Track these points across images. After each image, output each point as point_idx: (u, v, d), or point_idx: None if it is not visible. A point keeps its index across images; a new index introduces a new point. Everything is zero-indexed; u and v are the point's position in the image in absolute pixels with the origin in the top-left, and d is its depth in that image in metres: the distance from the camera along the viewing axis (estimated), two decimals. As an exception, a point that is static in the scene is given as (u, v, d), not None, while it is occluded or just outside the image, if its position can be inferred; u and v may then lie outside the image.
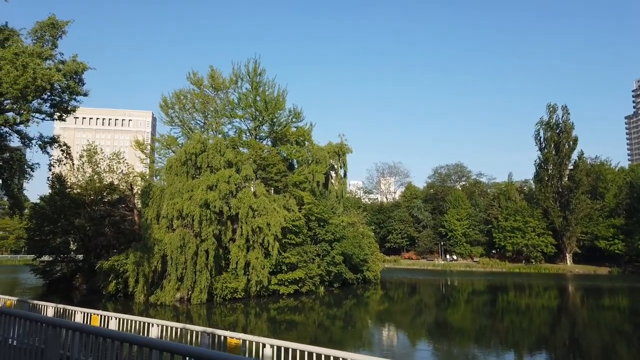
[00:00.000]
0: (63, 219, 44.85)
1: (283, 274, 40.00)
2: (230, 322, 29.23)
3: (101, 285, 38.12)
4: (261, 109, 51.29)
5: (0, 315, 7.67)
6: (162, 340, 8.56)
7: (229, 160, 40.34)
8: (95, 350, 6.16)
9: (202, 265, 34.83)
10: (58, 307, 14.44)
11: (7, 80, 19.12)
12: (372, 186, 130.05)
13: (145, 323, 11.80)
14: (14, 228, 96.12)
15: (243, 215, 37.24)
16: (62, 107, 24.05)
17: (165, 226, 36.69)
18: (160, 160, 55.69)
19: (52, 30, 23.77)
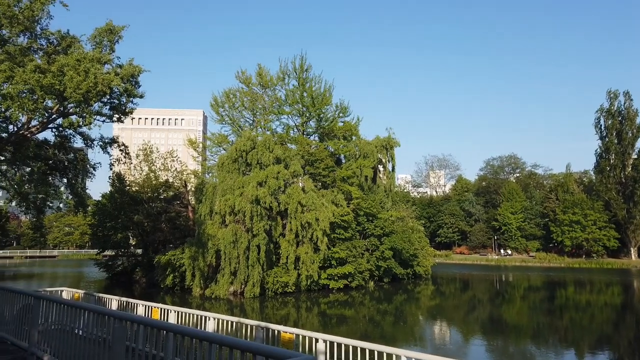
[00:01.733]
0: (123, 215, 47.17)
1: (333, 269, 40.26)
2: (281, 315, 29.77)
3: (159, 279, 39.89)
4: (308, 104, 51.64)
5: (70, 308, 8.24)
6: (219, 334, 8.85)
7: (277, 156, 40.95)
8: (157, 343, 6.50)
9: (254, 259, 35.65)
10: (121, 300, 15.26)
11: (71, 85, 20.26)
12: (421, 180, 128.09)
13: (202, 316, 12.24)
14: (78, 224, 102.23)
15: (292, 210, 37.75)
16: (121, 109, 25.18)
17: (218, 222, 37.79)
18: (211, 157, 57.39)
19: (110, 35, 24.93)
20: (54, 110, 23.39)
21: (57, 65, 20.82)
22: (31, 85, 20.19)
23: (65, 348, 7.45)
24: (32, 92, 20.72)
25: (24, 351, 8.41)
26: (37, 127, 24.35)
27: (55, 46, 24.03)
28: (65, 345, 7.50)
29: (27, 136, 24.05)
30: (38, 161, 25.83)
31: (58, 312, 8.33)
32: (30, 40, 23.48)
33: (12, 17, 21.09)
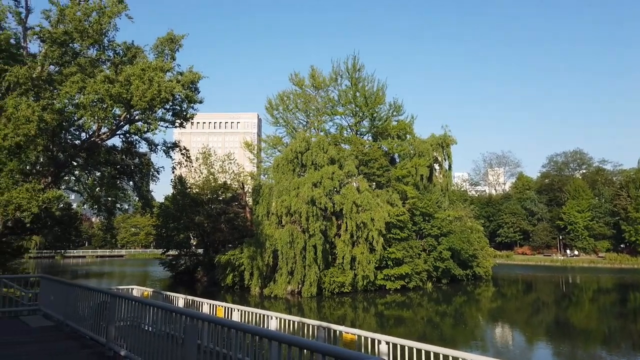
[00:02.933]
0: (185, 216, 49.05)
1: (389, 269, 39.88)
2: (339, 315, 29.85)
3: (219, 278, 41.16)
4: (361, 104, 51.47)
5: (142, 305, 8.66)
6: (282, 333, 9.00)
7: (331, 157, 41.11)
8: (223, 340, 6.72)
9: (310, 259, 35.98)
10: (187, 298, 15.89)
11: (137, 94, 21.33)
12: (479, 178, 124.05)
13: (264, 315, 12.50)
14: (144, 225, 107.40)
15: (347, 210, 37.77)
16: (182, 115, 26.17)
17: (275, 222, 38.46)
18: (267, 159, 58.47)
19: (171, 44, 26.01)
20: (121, 118, 24.70)
21: (124, 75, 21.98)
22: (101, 95, 21.44)
23: (139, 343, 7.83)
24: (102, 101, 22.00)
25: (102, 346, 8.91)
26: (107, 134, 25.80)
27: (121, 57, 25.38)
28: (139, 341, 7.89)
29: (98, 143, 25.55)
30: (108, 166, 27.35)
31: (131, 309, 8.76)
32: (99, 52, 24.94)
33: (82, 31, 22.49)
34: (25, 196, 19.47)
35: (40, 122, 19.72)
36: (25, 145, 20.01)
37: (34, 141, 20.20)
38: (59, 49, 22.74)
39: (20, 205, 19.38)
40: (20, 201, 19.31)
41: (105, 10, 23.12)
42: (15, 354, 8.63)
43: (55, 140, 23.64)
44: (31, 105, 20.00)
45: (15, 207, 19.46)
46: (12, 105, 19.99)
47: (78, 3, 23.42)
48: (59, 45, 22.54)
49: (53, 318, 12.23)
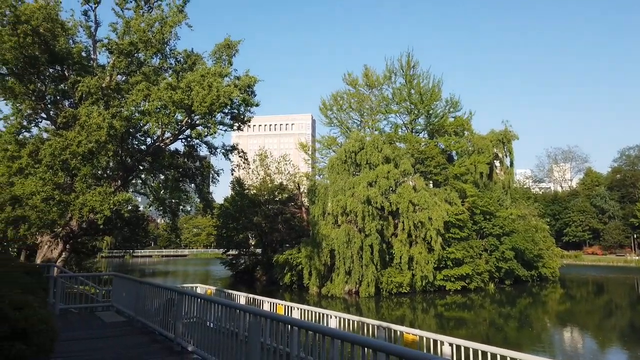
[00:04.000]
0: (243, 217, 50.32)
1: (448, 270, 38.91)
2: (397, 316, 29.50)
3: (278, 277, 41.89)
4: (416, 101, 50.64)
5: (207, 302, 8.96)
6: (343, 331, 9.02)
7: (386, 156, 40.71)
8: (284, 337, 6.82)
9: (367, 259, 35.82)
10: (248, 296, 16.31)
11: (197, 99, 22.18)
12: (543, 174, 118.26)
13: (323, 314, 12.58)
14: (205, 226, 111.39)
15: (404, 210, 37.26)
16: (240, 118, 26.92)
17: (331, 222, 38.62)
18: (322, 160, 58.89)
19: (228, 50, 26.84)
20: (183, 123, 25.75)
21: (185, 82, 22.90)
22: (164, 102, 22.46)
23: (205, 339, 8.11)
24: (165, 108, 23.04)
25: (170, 341, 9.30)
26: (170, 139, 26.99)
27: (182, 64, 26.48)
28: (204, 337, 8.17)
29: (162, 147, 26.79)
30: (171, 169, 28.59)
31: (196, 306, 9.09)
32: (162, 61, 26.17)
33: (146, 41, 23.67)
34: (98, 199, 20.72)
35: (110, 129, 20.93)
36: (97, 151, 21.31)
37: (105, 147, 21.46)
38: (126, 59, 24.07)
39: (94, 207, 20.65)
40: (94, 204, 20.57)
41: (167, 20, 24.21)
42: (93, 348, 9.20)
43: (123, 146, 25.01)
44: (102, 114, 21.29)
45: (90, 209, 20.77)
46: (85, 113, 21.37)
47: (142, 15, 24.70)
48: (126, 55, 23.85)
49: (125, 314, 12.90)
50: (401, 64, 52.01)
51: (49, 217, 20.62)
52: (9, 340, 4.97)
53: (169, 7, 25.20)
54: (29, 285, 7.07)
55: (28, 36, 20.32)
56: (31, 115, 24.87)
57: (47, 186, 20.70)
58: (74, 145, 20.69)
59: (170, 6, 25.13)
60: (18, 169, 21.84)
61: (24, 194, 20.77)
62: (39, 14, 20.27)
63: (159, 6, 25.33)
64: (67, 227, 23.76)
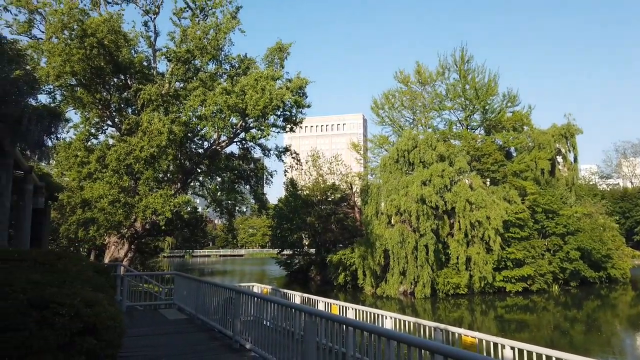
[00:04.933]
0: (297, 217, 50.93)
1: (508, 271, 37.52)
2: (455, 317, 28.79)
3: (332, 277, 42.04)
4: (471, 97, 49.22)
5: (263, 301, 9.15)
6: (400, 332, 8.91)
7: (440, 153, 39.83)
8: (339, 337, 6.83)
9: (422, 260, 35.21)
10: (303, 296, 16.47)
11: (250, 103, 22.70)
12: (611, 170, 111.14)
13: (378, 314, 12.48)
14: (260, 226, 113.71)
15: (460, 209, 36.32)
16: (292, 120, 27.28)
17: (384, 222, 38.30)
18: (374, 159, 58.49)
19: (279, 53, 27.26)
20: (238, 126, 26.43)
21: (239, 86, 23.50)
22: (220, 106, 23.16)
23: (262, 338, 8.28)
24: (221, 112, 23.74)
25: (229, 339, 9.57)
26: (226, 142, 27.80)
27: (236, 69, 27.20)
28: (261, 335, 8.34)
29: (218, 150, 27.63)
30: (227, 171, 29.39)
31: (254, 305, 9.30)
32: (217, 67, 27.00)
33: (202, 48, 24.52)
34: (160, 201, 21.68)
35: (170, 134, 21.84)
36: (158, 155, 22.29)
37: (165, 151, 22.42)
38: (183, 66, 25.06)
39: (156, 209, 21.63)
40: (156, 206, 21.54)
41: (221, 27, 24.95)
42: (157, 343, 9.65)
43: (182, 150, 26.00)
44: (162, 119, 22.27)
45: (152, 211, 21.77)
46: (147, 120, 22.43)
47: (197, 22, 25.60)
48: (183, 63, 24.83)
49: (186, 311, 13.41)
50: (455, 59, 50.74)
51: (115, 218, 21.79)
52: (81, 335, 5.29)
53: (222, 14, 25.96)
54: (99, 284, 7.51)
55: (94, 48, 21.57)
56: (98, 123, 26.42)
57: (114, 189, 21.91)
58: (137, 150, 21.76)
59: (224, 13, 25.88)
60: (87, 174, 23.25)
61: (92, 197, 22.08)
62: (103, 27, 21.46)
63: (213, 13, 26.14)
64: (132, 228, 25.02)
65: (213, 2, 25.74)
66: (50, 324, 5.02)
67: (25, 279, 5.66)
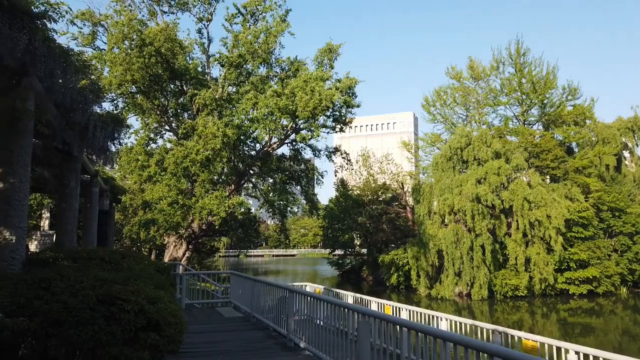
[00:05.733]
0: (348, 217, 50.91)
1: (572, 272, 35.67)
2: (514, 320, 27.75)
3: (384, 277, 41.65)
4: (528, 91, 47.26)
5: (316, 300, 9.21)
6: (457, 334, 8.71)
7: (496, 150, 38.51)
8: (391, 338, 6.76)
9: (478, 260, 34.19)
10: (356, 296, 16.47)
11: (300, 104, 22.98)
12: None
13: (433, 316, 12.26)
14: (311, 226, 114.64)
15: (517, 207, 34.94)
16: (342, 120, 27.35)
17: (437, 222, 37.52)
18: (425, 157, 57.46)
19: (329, 54, 27.42)
20: (288, 128, 26.82)
21: (289, 88, 23.85)
22: (271, 109, 23.61)
23: (316, 337, 8.33)
24: (272, 114, 24.19)
25: (283, 337, 9.71)
26: (277, 144, 28.28)
27: (286, 71, 27.61)
28: (315, 334, 8.40)
29: (269, 152, 28.16)
30: (279, 173, 29.90)
31: (307, 304, 9.39)
32: (268, 70, 27.54)
33: (253, 52, 25.10)
34: (215, 202, 22.39)
35: (224, 137, 22.51)
36: (213, 158, 23.04)
37: (220, 154, 23.12)
38: (235, 70, 25.74)
39: (212, 210, 22.36)
40: (212, 207, 22.27)
41: (271, 31, 25.42)
42: (215, 340, 9.94)
43: (235, 152, 26.71)
44: (216, 123, 22.99)
45: (208, 212, 22.52)
46: (202, 124, 23.23)
47: (249, 27, 26.22)
48: (235, 67, 25.51)
49: (241, 310, 13.72)
50: (510, 53, 48.84)
51: (174, 219, 22.72)
52: (145, 330, 5.56)
53: (272, 17, 26.44)
54: (160, 282, 7.85)
55: (152, 57, 22.60)
56: (157, 128, 27.66)
57: (172, 192, 22.85)
58: (193, 154, 22.58)
59: (273, 17, 26.35)
60: (147, 177, 24.38)
61: (152, 199, 23.14)
62: (160, 36, 22.45)
63: (263, 18, 26.70)
64: (189, 229, 25.98)
65: (263, 7, 26.28)
66: (117, 320, 5.32)
67: (93, 276, 6.02)
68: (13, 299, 5.05)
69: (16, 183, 6.68)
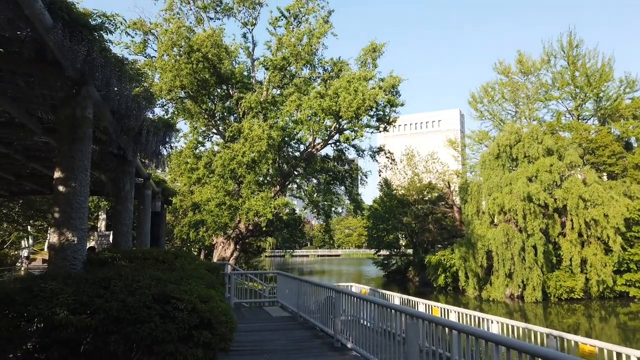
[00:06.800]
0: (392, 217, 50.42)
1: (632, 274, 33.77)
2: (569, 324, 26.59)
3: (431, 278, 40.95)
4: (582, 85, 45.11)
5: (361, 301, 9.18)
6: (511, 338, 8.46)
7: (548, 147, 37.01)
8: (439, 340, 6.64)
9: (530, 261, 32.98)
10: (402, 297, 16.30)
11: (344, 105, 23.00)
12: None
13: (483, 318, 11.94)
14: (355, 227, 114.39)
15: (572, 206, 33.44)
16: (386, 119, 27.15)
17: (486, 222, 36.50)
18: (472, 156, 56.02)
19: (373, 53, 27.29)
20: (332, 128, 26.89)
21: (332, 89, 23.92)
22: (314, 110, 23.75)
23: (362, 337, 8.31)
24: (315, 115, 24.34)
25: (330, 337, 9.75)
26: (321, 145, 28.41)
27: (329, 72, 27.70)
28: (361, 335, 8.38)
29: (313, 153, 28.34)
30: (323, 173, 30.05)
31: (353, 304, 9.37)
32: (311, 71, 27.74)
33: (297, 54, 25.34)
34: (261, 204, 22.78)
35: (269, 139, 22.87)
36: (258, 160, 23.45)
37: (265, 156, 23.51)
38: (279, 73, 26.08)
39: (258, 211, 22.75)
40: (258, 208, 22.67)
41: (314, 33, 25.59)
42: (263, 339, 10.11)
43: (280, 154, 27.08)
44: (261, 126, 23.38)
45: (255, 213, 22.94)
46: (248, 127, 23.70)
47: (292, 30, 26.51)
48: (279, 70, 25.85)
49: (288, 309, 13.88)
50: (561, 45, 46.78)
51: (222, 220, 23.30)
52: (198, 329, 5.75)
53: (315, 19, 26.61)
54: (211, 281, 8.08)
55: (200, 62, 23.30)
56: (204, 131, 28.48)
57: (220, 193, 23.45)
58: (239, 156, 23.08)
59: (316, 18, 26.51)
60: (196, 179, 25.14)
61: (201, 201, 23.82)
62: (207, 42, 23.10)
63: (306, 20, 26.93)
64: (236, 229, 26.56)
65: (306, 9, 26.49)
66: (172, 318, 5.52)
67: (149, 276, 6.28)
68: (76, 297, 5.34)
69: (77, 187, 7.06)
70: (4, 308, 5.19)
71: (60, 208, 6.95)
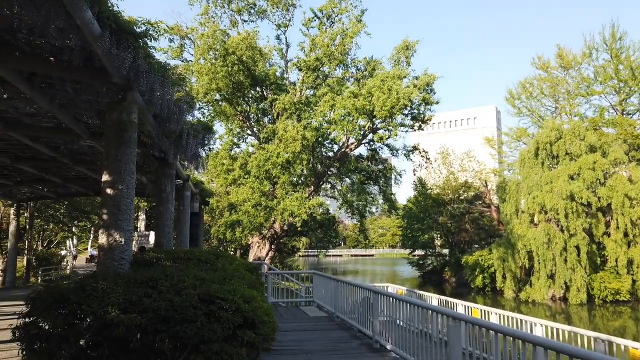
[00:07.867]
0: (427, 217, 49.76)
1: (683, 276, 32.15)
2: (615, 327, 25.58)
3: (468, 279, 40.19)
4: (626, 78, 43.25)
5: (402, 302, 9.10)
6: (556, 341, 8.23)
7: (591, 144, 35.67)
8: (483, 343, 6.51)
9: (573, 262, 31.89)
10: (440, 298, 16.06)
11: (378, 104, 22.86)
12: None
13: (525, 321, 11.63)
14: (389, 226, 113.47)
15: (617, 205, 32.13)
16: (420, 118, 26.82)
17: (526, 221, 35.53)
18: (510, 153, 54.58)
19: (406, 51, 27.01)
20: (366, 128, 26.77)
21: (366, 89, 23.82)
22: (348, 110, 23.72)
23: (401, 339, 8.24)
24: (349, 115, 24.30)
25: (369, 338, 9.71)
26: (354, 144, 28.33)
27: (362, 72, 27.58)
28: (400, 337, 8.30)
29: (347, 153, 28.29)
30: (357, 173, 29.95)
31: (391, 305, 9.31)
32: (344, 71, 27.70)
33: (330, 54, 25.36)
34: (296, 204, 22.92)
35: (303, 139, 22.99)
36: (292, 160, 23.61)
37: (299, 156, 23.64)
38: (313, 74, 26.17)
39: (293, 212, 22.91)
40: (293, 208, 22.83)
41: (347, 32, 25.55)
42: (302, 339, 10.17)
43: (314, 154, 27.16)
44: (295, 126, 23.53)
45: (289, 213, 23.11)
46: (282, 128, 23.89)
47: (325, 30, 26.55)
48: (312, 70, 25.94)
49: (324, 309, 13.91)
50: (604, 38, 44.98)
51: (257, 220, 23.58)
52: (241, 328, 5.84)
53: (348, 18, 26.56)
54: (252, 281, 8.20)
55: (235, 65, 23.66)
56: (239, 133, 28.88)
57: (255, 194, 23.74)
58: (274, 157, 23.30)
59: (349, 18, 26.46)
60: (232, 180, 25.54)
61: (237, 202, 24.18)
62: (242, 45, 23.43)
63: (339, 20, 26.91)
64: (271, 229, 26.82)
65: (339, 9, 26.47)
66: (217, 317, 5.64)
67: (193, 276, 6.43)
68: (126, 297, 5.53)
69: (123, 189, 7.30)
70: (59, 307, 5.43)
71: (108, 210, 7.21)
